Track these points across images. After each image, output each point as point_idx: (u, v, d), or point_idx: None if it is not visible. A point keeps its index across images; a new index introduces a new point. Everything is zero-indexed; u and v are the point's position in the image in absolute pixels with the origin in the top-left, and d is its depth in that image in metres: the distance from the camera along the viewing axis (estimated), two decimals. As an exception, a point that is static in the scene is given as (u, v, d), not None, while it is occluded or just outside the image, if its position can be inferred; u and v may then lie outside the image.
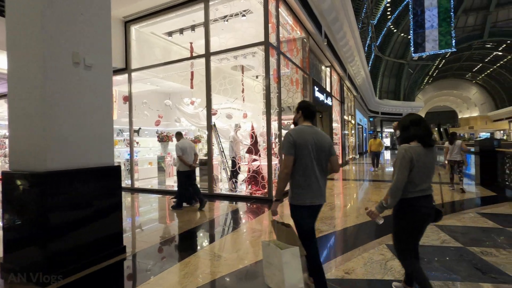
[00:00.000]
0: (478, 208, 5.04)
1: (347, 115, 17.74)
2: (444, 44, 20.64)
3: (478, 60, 41.15)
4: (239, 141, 6.93)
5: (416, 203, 1.99)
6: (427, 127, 2.03)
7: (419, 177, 1.97)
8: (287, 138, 2.12)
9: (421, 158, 1.96)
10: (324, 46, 10.56)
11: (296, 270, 1.91)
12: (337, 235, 3.81)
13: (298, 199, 2.11)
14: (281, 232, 2.05)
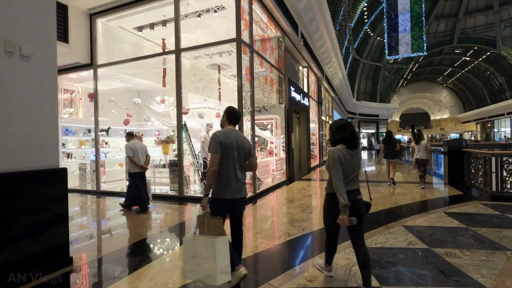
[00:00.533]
0: (445, 207, 5.12)
1: (324, 116, 17.92)
2: (416, 47, 21.44)
3: (448, 65, 43.28)
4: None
5: None
6: (353, 131, 2.34)
7: (345, 175, 2.27)
8: (214, 138, 2.37)
9: (347, 159, 2.28)
10: (301, 46, 10.53)
11: (226, 256, 2.14)
12: (305, 239, 3.67)
13: (219, 193, 2.36)
14: (210, 224, 2.23)
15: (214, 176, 2.33)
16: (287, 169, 9.15)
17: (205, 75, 7.90)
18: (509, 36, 33.67)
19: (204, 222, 2.24)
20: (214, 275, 2.05)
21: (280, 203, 5.98)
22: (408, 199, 5.91)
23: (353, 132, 2.34)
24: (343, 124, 2.36)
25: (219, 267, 2.06)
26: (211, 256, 2.06)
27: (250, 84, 6.51)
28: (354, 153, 2.32)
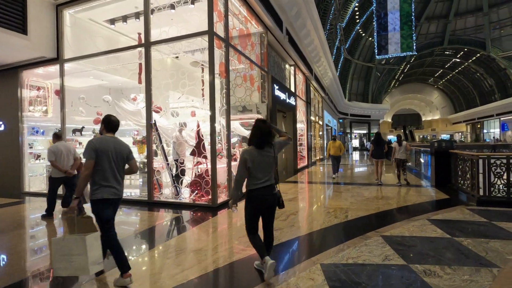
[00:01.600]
0: (429, 213, 4.76)
1: (314, 116, 17.57)
2: (406, 47, 21.26)
3: (439, 66, 43.52)
4: (183, 142, 6.22)
5: (257, 193, 2.55)
6: (262, 133, 2.52)
7: (258, 173, 2.52)
8: (89, 144, 2.54)
9: (256, 158, 2.51)
10: (286, 43, 10.14)
11: (97, 249, 2.43)
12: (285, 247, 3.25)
13: (97, 195, 2.52)
14: (81, 224, 2.41)
15: (87, 180, 2.51)
16: (269, 171, 8.72)
17: (189, 72, 7.47)
18: (498, 38, 33.95)
19: (73, 222, 2.42)
20: (86, 267, 2.31)
21: (255, 209, 5.56)
22: (391, 204, 5.54)
23: (263, 134, 2.52)
24: (255, 126, 2.58)
25: (91, 259, 2.33)
26: (83, 252, 2.31)
27: (225, 80, 6.07)
28: (264, 153, 2.55)
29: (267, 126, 2.57)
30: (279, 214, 4.95)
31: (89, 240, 2.33)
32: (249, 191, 2.57)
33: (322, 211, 5.10)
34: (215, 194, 5.49)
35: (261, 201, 2.56)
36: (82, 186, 2.49)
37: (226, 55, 6.06)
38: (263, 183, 2.54)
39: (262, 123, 2.58)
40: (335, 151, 9.88)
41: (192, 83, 5.90)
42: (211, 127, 5.52)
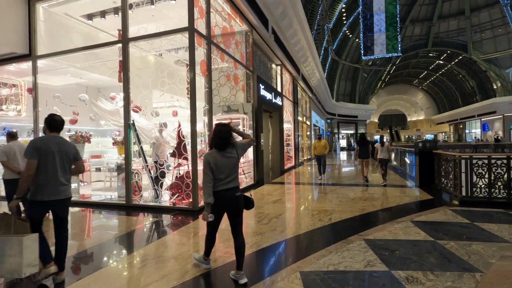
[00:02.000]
0: (413, 215, 4.71)
1: (301, 116, 17.55)
2: (391, 48, 21.57)
3: (423, 68, 44.55)
4: (163, 143, 5.97)
5: (219, 195, 2.54)
6: (223, 136, 2.57)
7: (221, 174, 2.54)
8: (31, 144, 2.50)
9: (218, 161, 2.54)
10: (272, 42, 10.01)
11: (34, 252, 2.32)
12: (249, 259, 3.08)
13: (37, 196, 2.48)
14: (16, 225, 2.34)
15: (28, 181, 2.45)
16: (255, 172, 8.57)
17: (173, 71, 7.22)
18: (479, 41, 35.04)
19: (10, 222, 2.34)
20: (20, 269, 2.21)
21: (238, 212, 5.38)
22: (376, 205, 5.48)
23: (223, 136, 2.57)
24: (215, 129, 2.64)
25: (26, 261, 2.24)
26: (17, 253, 2.22)
27: (207, 79, 5.86)
28: (226, 154, 2.59)
29: (227, 129, 2.62)
30: (262, 217, 4.80)
31: (27, 241, 2.26)
32: (214, 193, 2.55)
33: (306, 214, 4.98)
34: (196, 197, 5.28)
35: (223, 203, 2.58)
36: (24, 187, 2.44)
37: (208, 53, 5.86)
38: (226, 184, 2.57)
39: (221, 127, 2.64)
40: (320, 150, 9.49)
41: (172, 82, 5.66)
42: (191, 127, 5.30)
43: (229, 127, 2.64)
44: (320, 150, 9.50)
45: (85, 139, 6.91)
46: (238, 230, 2.69)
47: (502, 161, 5.17)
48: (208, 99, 5.91)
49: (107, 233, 4.31)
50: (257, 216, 4.94)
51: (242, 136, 2.88)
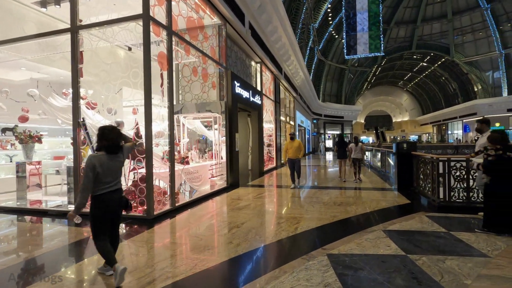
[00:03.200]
0: (387, 222, 4.32)
1: (284, 116, 17.16)
2: (374, 47, 21.52)
3: (408, 69, 45.22)
4: (119, 144, 5.38)
5: (105, 197, 2.56)
6: (113, 138, 2.59)
7: (107, 177, 2.57)
8: None
9: (105, 164, 2.56)
10: (249, 38, 9.53)
11: None
12: (211, 274, 2.57)
13: None
14: None
15: None
16: (228, 174, 8.06)
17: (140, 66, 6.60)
18: (461, 44, 35.77)
19: None
20: None
21: (198, 219, 4.86)
22: (349, 211, 5.07)
23: (113, 139, 2.58)
24: (103, 133, 2.59)
25: None
26: None
27: (167, 74, 5.32)
28: (114, 157, 2.63)
29: (116, 133, 2.64)
30: (222, 226, 4.30)
31: None
32: (97, 196, 2.56)
33: (271, 222, 4.51)
34: (151, 203, 4.73)
35: (109, 205, 2.59)
36: None
37: (169, 45, 5.31)
38: (111, 187, 2.60)
39: (111, 130, 2.63)
40: (294, 153, 7.77)
41: (126, 75, 5.07)
42: (145, 126, 4.75)
43: (118, 131, 2.68)
44: (294, 153, 7.79)
45: (35, 139, 6.23)
46: (116, 234, 2.78)
47: (481, 163, 4.86)
48: (169, 96, 5.36)
49: (51, 242, 3.70)
50: (217, 225, 4.44)
51: (125, 141, 2.89)
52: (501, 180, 3.68)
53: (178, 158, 6.96)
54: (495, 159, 3.68)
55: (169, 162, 5.32)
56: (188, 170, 6.64)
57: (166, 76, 5.31)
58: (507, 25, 31.47)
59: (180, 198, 6.17)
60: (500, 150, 3.65)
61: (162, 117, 5.50)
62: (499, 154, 3.66)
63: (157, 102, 5.55)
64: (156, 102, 5.32)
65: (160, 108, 5.52)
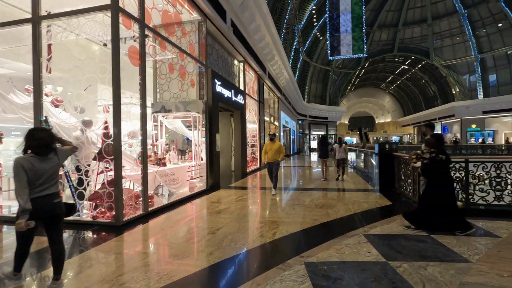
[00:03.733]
0: (368, 226, 4.19)
1: (268, 117, 17.01)
2: (357, 49, 21.78)
3: (390, 72, 46.30)
4: (87, 144, 4.98)
5: (35, 203, 2.32)
6: (42, 138, 2.42)
7: (38, 181, 2.37)
8: None
9: (35, 166, 2.36)
10: (231, 36, 9.28)
11: None
12: None
13: None
14: None
15: None
16: (208, 176, 7.77)
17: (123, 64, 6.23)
18: (440, 48, 36.96)
19: None
20: None
21: (172, 225, 4.56)
22: (330, 214, 4.92)
23: (41, 139, 2.41)
24: (31, 133, 2.42)
25: None
26: None
27: (140, 70, 4.99)
28: (44, 160, 2.43)
29: (46, 134, 2.50)
30: (196, 232, 4.03)
31: None
32: (30, 200, 2.37)
33: (249, 227, 4.28)
34: (120, 209, 4.39)
35: (40, 211, 2.36)
36: None
37: (141, 39, 4.98)
38: (42, 192, 2.40)
39: (40, 132, 2.50)
40: (273, 155, 6.89)
41: (93, 70, 4.69)
42: (114, 125, 4.41)
43: (50, 132, 2.59)
44: (273, 156, 6.90)
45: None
46: (57, 239, 2.54)
47: (460, 164, 4.84)
48: (142, 92, 5.02)
49: (6, 252, 3.30)
50: (191, 230, 4.16)
51: (62, 143, 2.76)
52: (434, 182, 3.88)
53: (154, 160, 6.62)
54: (429, 162, 3.88)
55: (142, 163, 4.98)
56: (164, 172, 6.30)
57: (139, 72, 4.97)
58: (483, 31, 32.78)
59: (156, 202, 5.84)
60: (434, 153, 3.86)
61: (135, 116, 5.14)
62: (432, 157, 3.86)
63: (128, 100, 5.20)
64: (127, 99, 4.97)
65: (133, 107, 5.17)
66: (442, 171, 3.84)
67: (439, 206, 3.80)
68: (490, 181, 4.79)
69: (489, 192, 4.73)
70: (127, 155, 5.36)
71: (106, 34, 4.55)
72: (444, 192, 3.83)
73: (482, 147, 23.73)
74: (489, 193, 4.73)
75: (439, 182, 3.85)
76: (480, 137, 32.18)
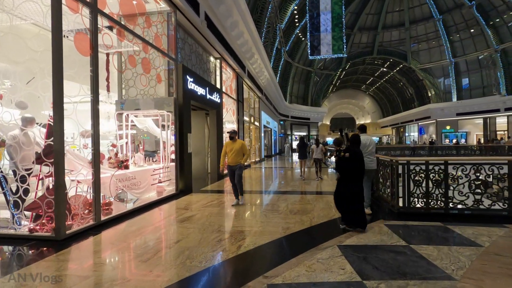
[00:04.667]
0: (343, 235, 3.82)
1: (248, 116, 16.56)
2: (337, 49, 21.80)
3: (370, 74, 47.24)
4: (27, 145, 4.30)
5: None
6: None
7: None
8: None
9: None
10: (205, 30, 8.73)
11: None
12: None
13: None
14: None
15: None
16: (177, 179, 7.20)
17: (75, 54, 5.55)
18: (416, 51, 38.07)
19: None
20: None
21: (125, 238, 3.99)
22: (304, 221, 4.53)
23: None
24: None
25: None
26: None
27: (91, 60, 4.38)
28: None
29: None
30: (148, 247, 3.49)
31: None
32: None
33: (212, 239, 3.79)
34: (61, 220, 3.76)
35: None
36: None
37: (93, 26, 4.38)
38: None
39: None
40: (234, 158, 5.72)
41: (26, 59, 4.04)
42: (55, 123, 3.79)
43: None
44: (234, 158, 5.74)
45: None
46: None
47: (440, 166, 4.60)
48: (93, 86, 4.41)
49: None
50: (145, 244, 3.61)
51: None
52: (342, 179, 4.10)
53: (115, 162, 5.99)
54: (337, 160, 4.19)
55: (93, 167, 4.37)
56: (125, 176, 5.69)
57: (90, 63, 4.36)
58: (456, 36, 34.04)
59: (118, 209, 5.24)
60: (338, 151, 4.22)
61: (85, 112, 4.52)
62: (337, 155, 4.16)
63: (75, 94, 4.56)
64: (74, 94, 4.34)
65: (84, 102, 4.54)
66: (347, 167, 3.98)
67: (350, 203, 3.94)
68: (470, 184, 4.58)
69: (468, 196, 4.52)
70: (80, 157, 4.73)
71: (46, 17, 3.91)
72: (354, 189, 3.95)
73: (456, 148, 24.48)
74: (468, 196, 4.52)
75: (347, 180, 3.99)
76: (454, 138, 33.37)
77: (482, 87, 33.64)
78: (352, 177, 3.93)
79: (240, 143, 5.89)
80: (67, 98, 4.00)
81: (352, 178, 3.93)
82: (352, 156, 3.92)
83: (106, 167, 5.93)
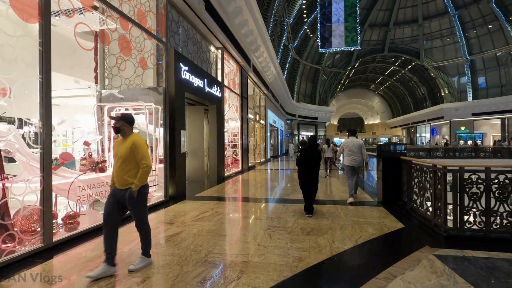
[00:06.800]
0: (380, 274, 2.67)
1: (253, 114, 15.45)
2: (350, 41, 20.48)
3: (380, 73, 45.64)
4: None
5: None
6: None
7: None
8: None
9: None
10: (204, 14, 7.65)
11: None
12: None
13: None
14: None
15: None
16: (167, 184, 6.12)
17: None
18: (430, 49, 36.41)
19: None
20: None
21: (81, 268, 2.91)
22: (322, 246, 3.38)
23: None
24: None
25: None
26: None
27: (41, 32, 3.32)
28: None
29: None
30: (115, 284, 2.40)
31: None
32: None
33: (194, 277, 2.69)
34: None
35: None
36: None
37: (46, -15, 3.32)
38: None
39: None
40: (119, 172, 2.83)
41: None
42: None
43: None
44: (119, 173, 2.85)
45: None
46: None
47: (506, 175, 3.41)
48: (45, 67, 3.35)
49: None
50: (108, 280, 2.52)
51: None
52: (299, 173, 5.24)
53: (89, 164, 4.95)
54: (297, 155, 5.23)
55: (42, 171, 3.31)
56: (99, 180, 4.64)
57: (39, 34, 3.31)
58: (473, 32, 32.33)
59: (83, 222, 4.20)
60: (299, 150, 5.31)
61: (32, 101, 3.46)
62: (298, 151, 5.18)
63: (22, 77, 3.52)
64: (21, 76, 3.29)
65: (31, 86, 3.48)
66: (299, 163, 5.14)
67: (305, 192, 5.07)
68: None
69: None
70: (35, 158, 3.70)
71: None
72: (307, 174, 5.08)
73: (474, 150, 22.94)
74: None
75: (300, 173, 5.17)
76: (468, 139, 31.72)
77: (499, 86, 31.87)
78: (307, 166, 5.07)
79: (131, 141, 2.82)
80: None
81: (308, 167, 5.07)
82: (301, 155, 5.11)
83: (76, 170, 4.91)
